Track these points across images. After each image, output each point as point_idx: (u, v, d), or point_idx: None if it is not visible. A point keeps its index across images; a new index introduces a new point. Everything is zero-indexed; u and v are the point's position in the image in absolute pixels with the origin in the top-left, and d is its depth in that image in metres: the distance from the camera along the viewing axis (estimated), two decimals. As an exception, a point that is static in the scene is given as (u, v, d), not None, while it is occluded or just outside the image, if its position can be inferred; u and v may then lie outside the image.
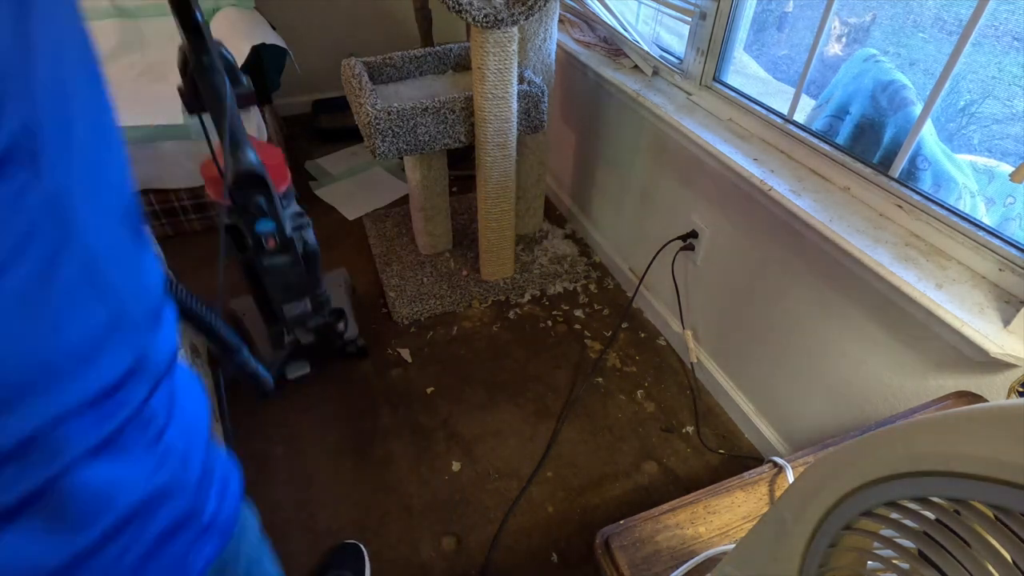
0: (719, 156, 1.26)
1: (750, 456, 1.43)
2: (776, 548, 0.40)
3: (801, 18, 1.51)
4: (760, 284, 1.31)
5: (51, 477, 0.31)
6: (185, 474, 0.39)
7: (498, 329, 1.75)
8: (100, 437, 0.33)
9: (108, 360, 0.33)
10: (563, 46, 1.85)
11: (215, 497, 0.42)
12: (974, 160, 1.11)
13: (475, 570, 1.21)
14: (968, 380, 0.93)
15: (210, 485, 0.42)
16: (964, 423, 0.27)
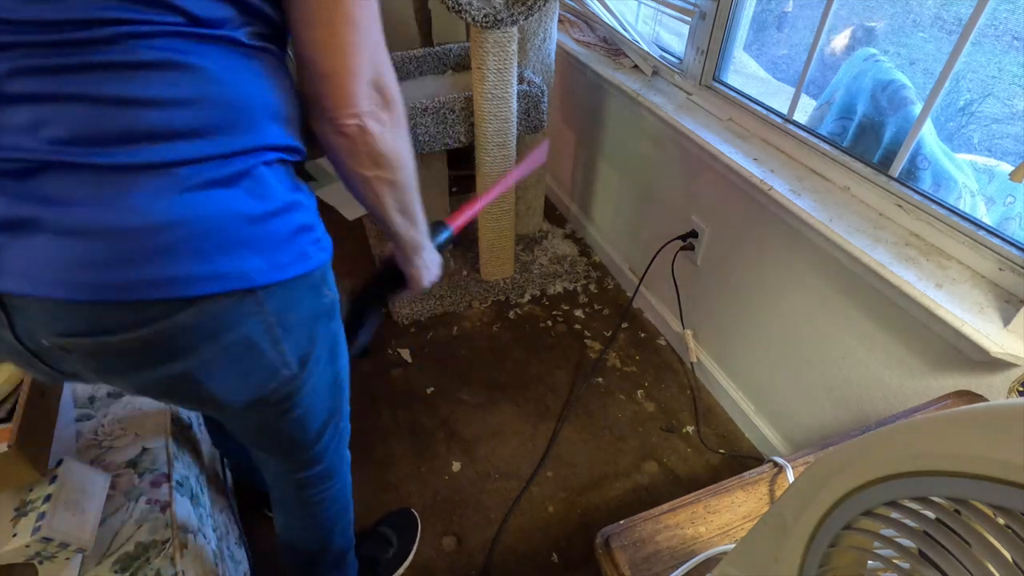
0: (719, 156, 1.26)
1: (750, 456, 1.43)
2: (776, 548, 0.40)
3: (801, 18, 1.50)
4: (760, 284, 1.31)
5: (252, 166, 0.50)
6: (312, 204, 0.59)
7: (498, 329, 1.75)
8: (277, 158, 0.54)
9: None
10: (563, 46, 1.85)
11: (322, 228, 0.60)
12: (974, 159, 1.11)
13: (475, 570, 1.21)
14: (968, 380, 0.93)
15: (319, 224, 0.60)
16: (964, 423, 0.27)
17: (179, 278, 0.47)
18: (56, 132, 0.44)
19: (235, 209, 0.49)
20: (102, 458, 0.86)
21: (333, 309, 0.64)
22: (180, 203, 0.46)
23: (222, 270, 0.49)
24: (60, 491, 0.71)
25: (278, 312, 0.55)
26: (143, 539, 0.77)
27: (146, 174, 0.46)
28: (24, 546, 0.66)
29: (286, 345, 0.57)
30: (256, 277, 0.51)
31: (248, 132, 0.50)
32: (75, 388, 0.96)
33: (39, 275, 0.45)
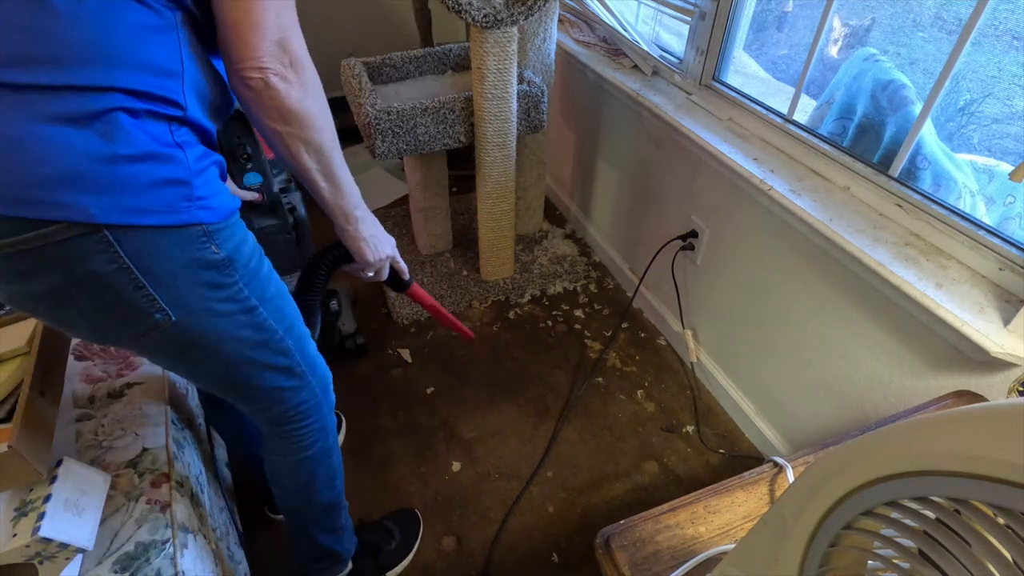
0: (719, 156, 1.26)
1: (750, 456, 1.43)
2: (776, 548, 0.40)
3: (801, 18, 1.50)
4: (760, 284, 1.31)
5: (107, 110, 0.53)
6: (197, 164, 0.60)
7: (498, 329, 1.75)
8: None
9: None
10: (563, 46, 1.85)
11: (208, 189, 0.61)
12: (974, 159, 1.11)
13: (475, 570, 1.21)
14: (968, 380, 0.93)
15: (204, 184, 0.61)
16: (964, 423, 0.27)
17: (23, 199, 0.52)
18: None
19: (83, 147, 0.52)
20: (102, 458, 0.86)
21: (229, 264, 0.64)
22: (33, 132, 0.50)
23: (62, 200, 0.52)
24: (60, 491, 0.71)
25: (137, 257, 0.57)
26: (143, 539, 0.77)
27: (4, 93, 0.50)
28: (24, 546, 0.66)
29: (155, 291, 0.60)
30: (98, 214, 0.54)
31: (102, 70, 0.52)
32: (75, 388, 0.96)
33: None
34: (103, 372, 1.00)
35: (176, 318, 0.63)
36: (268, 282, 0.71)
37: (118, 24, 0.53)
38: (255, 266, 0.69)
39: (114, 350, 1.04)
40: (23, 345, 0.81)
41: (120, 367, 1.01)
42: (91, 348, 1.03)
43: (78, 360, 1.01)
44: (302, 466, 0.89)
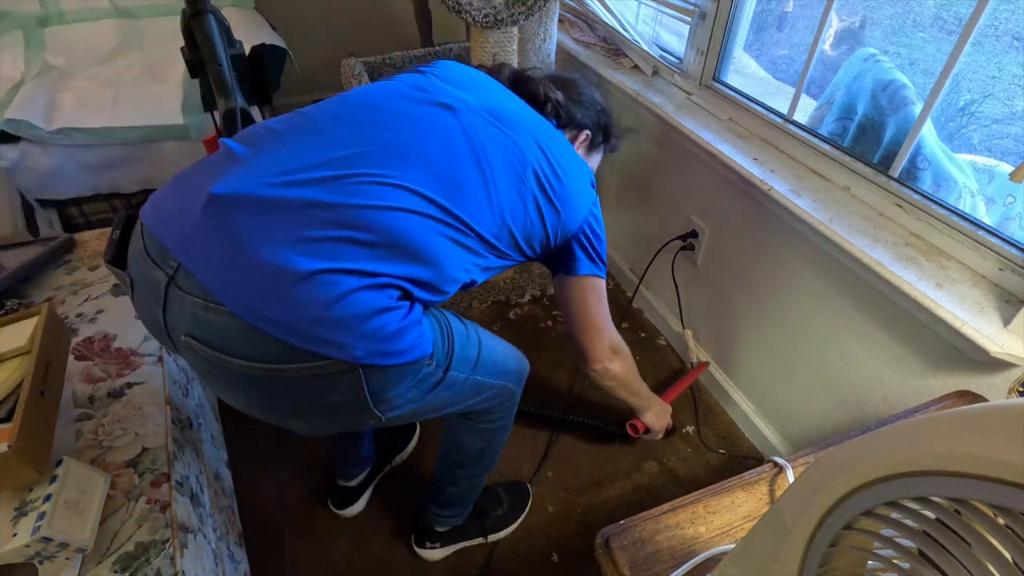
0: (719, 156, 1.26)
1: (750, 456, 1.43)
2: (776, 548, 0.40)
3: (801, 18, 1.50)
4: (760, 284, 1.31)
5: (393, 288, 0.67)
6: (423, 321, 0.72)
7: (498, 329, 1.75)
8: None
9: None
10: (563, 46, 1.85)
11: (425, 336, 0.71)
12: (974, 160, 1.11)
13: (475, 570, 1.21)
14: (968, 380, 0.93)
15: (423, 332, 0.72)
16: (964, 423, 0.27)
17: (305, 333, 0.61)
18: None
19: (368, 302, 0.63)
20: (102, 458, 0.86)
21: (445, 372, 0.76)
22: (342, 281, 0.62)
23: (337, 340, 0.62)
24: (60, 491, 0.71)
25: (375, 389, 0.67)
26: (143, 539, 0.77)
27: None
28: (24, 546, 0.66)
29: (377, 409, 0.70)
30: (361, 356, 0.63)
31: (416, 268, 0.68)
32: (75, 388, 0.96)
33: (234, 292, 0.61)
34: (103, 372, 1.00)
35: (385, 419, 0.73)
36: (465, 350, 0.80)
37: (447, 252, 0.70)
38: (457, 350, 0.78)
39: (115, 350, 1.04)
40: (23, 345, 0.81)
41: (120, 367, 1.01)
42: (91, 348, 1.03)
43: (78, 360, 1.01)
44: (485, 434, 1.00)
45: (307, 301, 0.60)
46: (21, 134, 1.68)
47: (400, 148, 0.69)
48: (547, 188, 0.78)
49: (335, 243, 0.62)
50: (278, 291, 0.60)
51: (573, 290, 0.91)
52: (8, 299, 1.11)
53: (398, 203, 0.66)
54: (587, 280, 0.90)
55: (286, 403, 0.66)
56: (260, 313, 0.60)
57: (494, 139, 0.74)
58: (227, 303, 0.60)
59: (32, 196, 1.76)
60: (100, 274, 1.19)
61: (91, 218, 1.91)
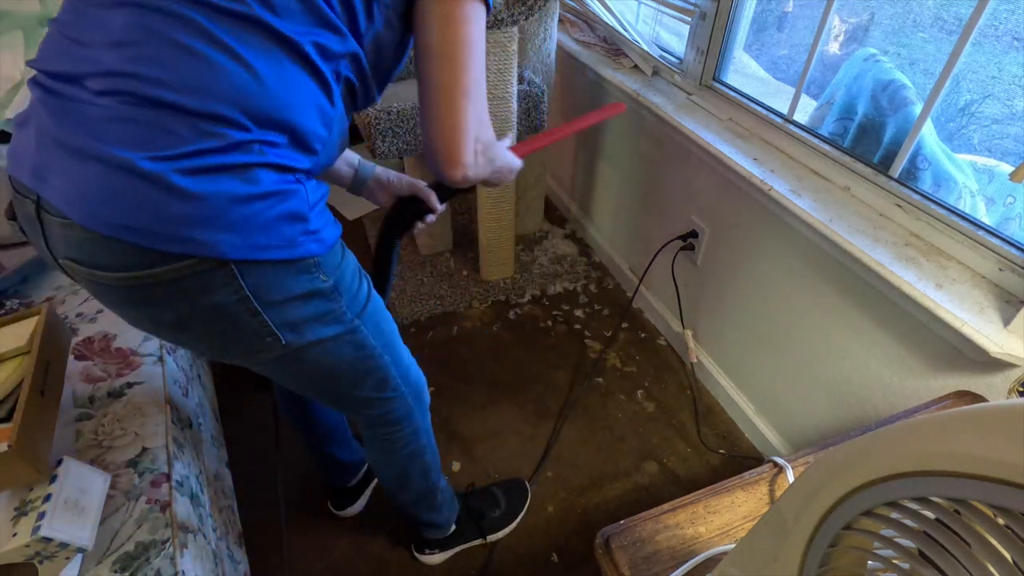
0: (719, 156, 1.26)
1: (750, 456, 1.43)
2: (776, 548, 0.40)
3: (801, 18, 1.51)
4: (760, 284, 1.31)
5: (253, 161, 0.57)
6: (310, 197, 0.63)
7: (498, 329, 1.75)
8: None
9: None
10: (563, 46, 1.85)
11: (320, 221, 0.65)
12: (974, 160, 1.11)
13: (475, 570, 1.21)
14: (968, 380, 0.93)
15: (316, 216, 0.64)
16: (964, 423, 0.27)
17: (162, 234, 0.55)
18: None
19: (225, 190, 0.56)
20: (102, 458, 0.86)
21: (335, 291, 0.69)
22: (190, 181, 0.54)
23: (199, 237, 0.55)
24: (60, 491, 0.71)
25: (256, 288, 0.61)
26: (143, 539, 0.77)
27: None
28: (24, 546, 0.66)
29: (269, 318, 0.64)
30: (228, 251, 0.57)
31: (265, 127, 0.58)
32: (75, 388, 0.96)
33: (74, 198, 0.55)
34: (103, 372, 1.00)
35: (285, 340, 0.67)
36: (366, 300, 0.76)
37: (295, 93, 0.59)
38: (356, 287, 0.74)
39: (115, 350, 1.04)
40: (23, 345, 0.81)
41: (120, 367, 1.01)
42: (91, 348, 1.03)
43: (78, 360, 1.01)
44: (397, 463, 0.97)
45: (155, 198, 0.54)
46: (21, 134, 1.68)
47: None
48: None
49: (163, 123, 0.54)
50: (127, 193, 0.53)
51: (432, 20, 0.64)
52: (8, 299, 1.11)
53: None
54: (455, 6, 0.63)
55: (168, 311, 0.61)
56: (107, 219, 0.54)
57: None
58: (80, 220, 0.55)
59: (32, 196, 1.75)
60: (100, 274, 1.19)
61: (91, 218, 1.90)
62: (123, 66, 0.54)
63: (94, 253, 0.57)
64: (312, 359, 0.72)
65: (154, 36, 0.54)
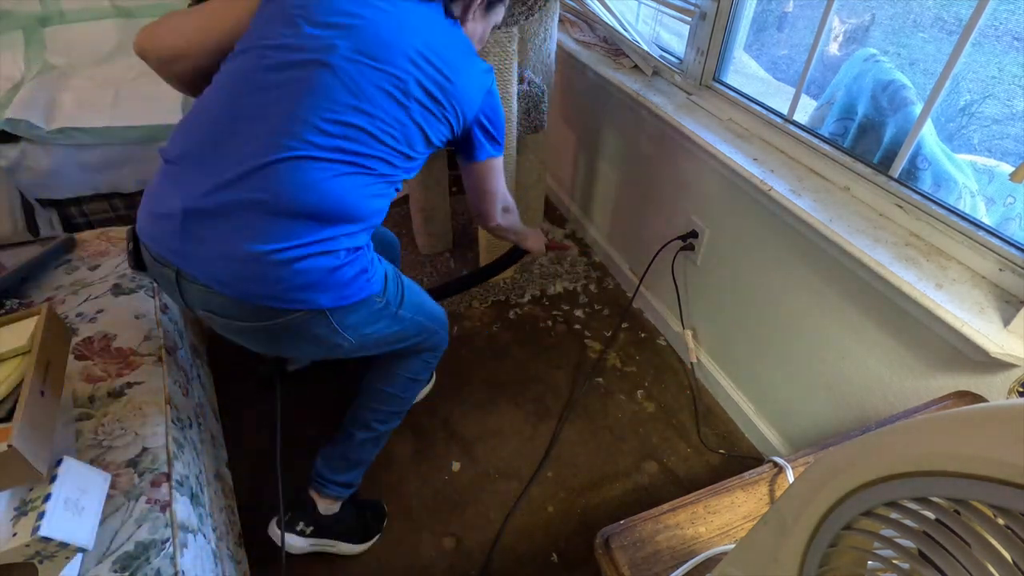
0: (719, 156, 1.26)
1: (750, 456, 1.43)
2: (776, 548, 0.40)
3: (801, 18, 1.51)
4: (760, 284, 1.31)
5: (338, 246, 0.85)
6: (368, 255, 0.92)
7: (498, 329, 1.75)
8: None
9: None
10: (563, 46, 1.85)
11: (374, 270, 0.92)
12: (974, 160, 1.11)
13: (475, 570, 1.21)
14: (968, 380, 0.93)
15: (372, 267, 0.92)
16: (964, 423, 0.27)
17: (283, 298, 0.82)
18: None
19: (322, 266, 0.82)
20: (102, 458, 0.86)
21: (386, 304, 0.96)
22: (299, 263, 0.81)
23: (306, 298, 0.83)
24: (60, 491, 0.71)
25: (342, 322, 0.90)
26: (143, 539, 0.78)
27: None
28: (24, 546, 0.66)
29: (347, 334, 0.92)
30: (325, 303, 0.85)
31: (347, 226, 0.85)
32: (75, 388, 0.96)
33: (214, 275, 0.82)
34: (103, 372, 1.00)
35: (355, 340, 0.94)
36: (402, 292, 1.01)
37: (368, 198, 0.86)
38: (395, 290, 0.98)
39: (115, 350, 1.04)
40: (23, 345, 0.81)
41: (120, 367, 1.01)
42: (91, 348, 1.03)
43: (78, 360, 1.01)
44: (415, 362, 1.16)
45: (278, 277, 0.80)
46: (21, 134, 1.68)
47: (285, 120, 0.80)
48: (435, 94, 0.87)
49: (280, 227, 0.79)
50: (255, 273, 0.80)
51: (476, 172, 1.04)
52: (8, 299, 1.11)
53: (297, 165, 0.80)
54: (488, 162, 1.03)
55: (284, 342, 0.92)
56: (242, 290, 0.81)
57: (368, 78, 0.82)
58: (222, 290, 0.81)
59: (32, 196, 1.75)
60: (100, 274, 1.20)
61: (91, 218, 1.91)
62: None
63: (233, 309, 0.84)
64: (371, 342, 0.99)
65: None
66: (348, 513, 1.21)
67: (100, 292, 1.15)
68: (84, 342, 1.04)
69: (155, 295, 1.19)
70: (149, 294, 1.18)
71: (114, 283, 1.17)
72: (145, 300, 1.16)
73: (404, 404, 1.20)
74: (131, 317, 1.10)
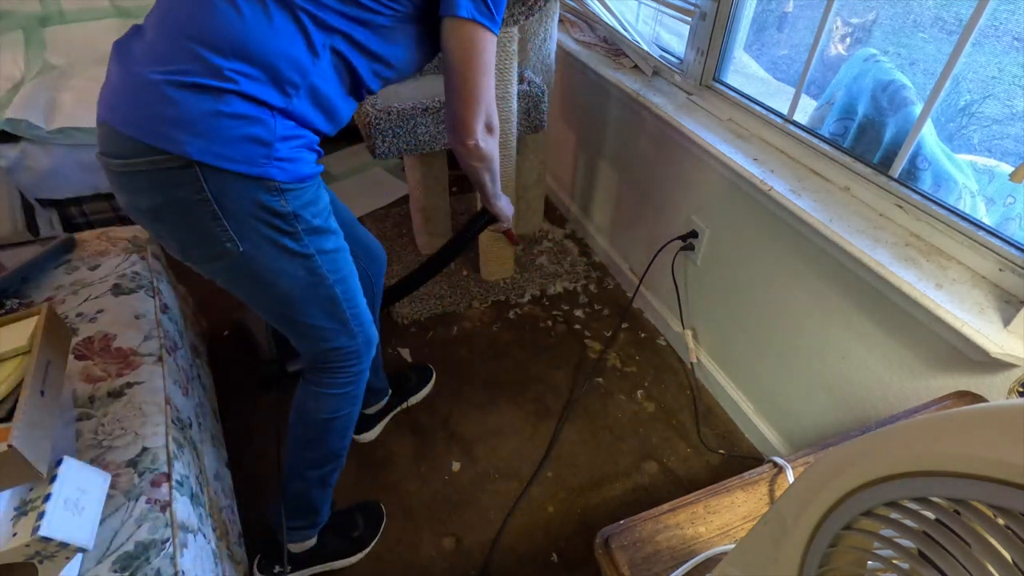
0: (719, 156, 1.26)
1: (750, 456, 1.43)
2: (776, 548, 0.40)
3: (801, 18, 1.51)
4: (760, 284, 1.31)
5: (231, 90, 0.71)
6: (282, 130, 0.75)
7: (498, 329, 1.75)
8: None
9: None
10: (563, 46, 1.85)
11: (287, 152, 0.75)
12: (974, 160, 1.11)
13: (475, 570, 1.21)
14: (968, 380, 0.93)
15: (286, 149, 0.75)
16: (964, 423, 0.27)
17: (150, 130, 0.70)
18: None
19: (200, 104, 0.69)
20: (102, 458, 0.86)
21: (294, 217, 0.79)
22: (176, 92, 0.69)
23: (173, 136, 0.69)
24: (60, 491, 0.71)
25: (217, 193, 0.73)
26: (143, 539, 0.78)
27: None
28: (24, 546, 0.66)
29: (228, 223, 0.75)
30: (193, 152, 0.70)
31: (246, 64, 0.71)
32: (75, 388, 0.96)
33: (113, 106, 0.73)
34: (103, 372, 1.00)
35: (243, 249, 0.77)
36: (329, 239, 0.85)
37: (273, 39, 0.72)
38: (319, 224, 0.83)
39: (115, 350, 1.04)
40: (23, 344, 0.81)
41: (120, 367, 1.01)
42: (91, 348, 1.03)
43: (78, 360, 1.01)
44: (329, 400, 1.01)
45: (150, 101, 0.70)
46: (21, 134, 1.68)
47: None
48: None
49: (178, 57, 0.70)
50: (135, 97, 0.71)
51: (452, 38, 0.79)
52: (8, 299, 1.11)
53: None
54: (468, 27, 0.77)
55: (146, 199, 0.75)
56: (121, 117, 0.71)
57: None
58: (101, 116, 0.74)
59: (32, 196, 1.76)
60: (100, 274, 1.20)
61: (91, 218, 1.91)
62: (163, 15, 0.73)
63: (107, 143, 0.74)
64: (268, 274, 0.81)
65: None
66: (328, 537, 1.18)
67: (100, 292, 1.15)
68: (84, 342, 1.04)
69: (155, 295, 1.19)
70: (149, 294, 1.18)
71: (114, 283, 1.17)
72: (145, 300, 1.16)
73: (331, 446, 1.05)
74: (131, 317, 1.10)
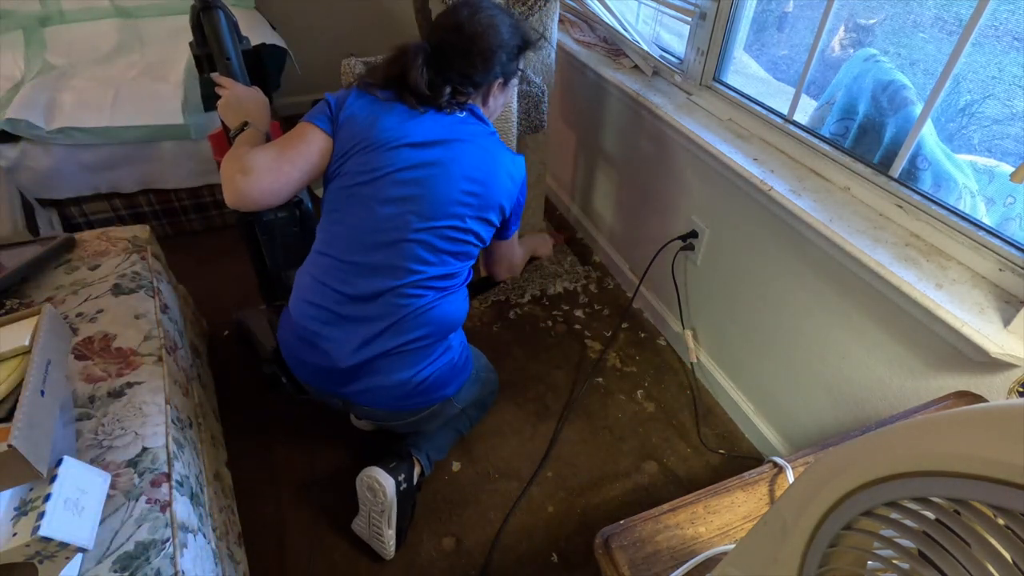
0: (719, 156, 1.26)
1: (750, 456, 1.43)
2: (776, 548, 0.40)
3: (801, 18, 1.51)
4: (760, 284, 1.31)
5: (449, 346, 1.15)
6: (461, 341, 1.21)
7: (498, 329, 1.75)
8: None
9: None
10: (563, 46, 1.85)
11: (463, 350, 1.21)
12: (974, 160, 1.11)
13: (475, 570, 1.21)
14: (968, 380, 0.93)
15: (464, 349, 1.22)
16: (964, 423, 0.27)
17: (426, 399, 1.13)
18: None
19: (447, 365, 1.12)
20: (102, 458, 0.86)
21: (474, 380, 1.25)
22: (425, 376, 1.10)
23: (437, 395, 1.13)
24: (60, 491, 0.71)
25: (458, 397, 1.19)
26: (143, 539, 0.78)
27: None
28: (24, 546, 0.66)
29: (458, 406, 1.23)
30: (451, 393, 1.16)
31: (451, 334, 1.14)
32: (75, 388, 0.96)
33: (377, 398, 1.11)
34: (103, 372, 1.00)
35: (459, 402, 1.22)
36: (479, 366, 1.30)
37: (459, 307, 1.14)
38: (481, 369, 1.31)
39: (115, 350, 1.04)
40: (23, 344, 0.81)
41: (120, 367, 1.01)
42: (91, 348, 1.03)
43: (78, 360, 1.01)
44: (481, 387, 1.34)
45: (421, 390, 1.09)
46: (21, 134, 1.68)
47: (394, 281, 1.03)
48: (485, 216, 1.06)
49: (414, 355, 1.07)
50: (405, 392, 1.08)
51: (505, 246, 1.22)
52: (8, 299, 1.11)
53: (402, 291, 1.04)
54: (514, 236, 1.21)
55: (416, 424, 1.21)
56: (400, 406, 1.12)
57: (438, 233, 1.02)
58: (382, 407, 1.12)
59: (32, 196, 1.76)
60: (100, 274, 1.20)
61: (91, 218, 1.91)
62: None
63: (390, 417, 1.17)
64: (466, 400, 1.26)
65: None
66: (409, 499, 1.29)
67: (100, 292, 1.15)
68: (84, 342, 1.04)
69: (155, 295, 1.19)
70: (149, 294, 1.18)
71: (114, 283, 1.17)
72: (145, 300, 1.16)
73: (482, 403, 1.39)
74: (131, 317, 1.10)
